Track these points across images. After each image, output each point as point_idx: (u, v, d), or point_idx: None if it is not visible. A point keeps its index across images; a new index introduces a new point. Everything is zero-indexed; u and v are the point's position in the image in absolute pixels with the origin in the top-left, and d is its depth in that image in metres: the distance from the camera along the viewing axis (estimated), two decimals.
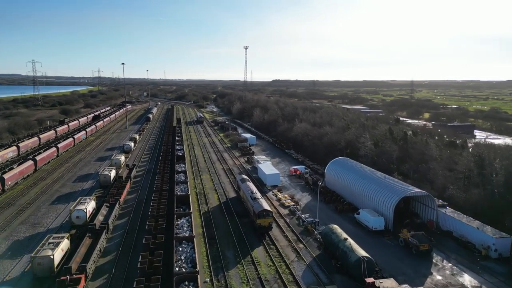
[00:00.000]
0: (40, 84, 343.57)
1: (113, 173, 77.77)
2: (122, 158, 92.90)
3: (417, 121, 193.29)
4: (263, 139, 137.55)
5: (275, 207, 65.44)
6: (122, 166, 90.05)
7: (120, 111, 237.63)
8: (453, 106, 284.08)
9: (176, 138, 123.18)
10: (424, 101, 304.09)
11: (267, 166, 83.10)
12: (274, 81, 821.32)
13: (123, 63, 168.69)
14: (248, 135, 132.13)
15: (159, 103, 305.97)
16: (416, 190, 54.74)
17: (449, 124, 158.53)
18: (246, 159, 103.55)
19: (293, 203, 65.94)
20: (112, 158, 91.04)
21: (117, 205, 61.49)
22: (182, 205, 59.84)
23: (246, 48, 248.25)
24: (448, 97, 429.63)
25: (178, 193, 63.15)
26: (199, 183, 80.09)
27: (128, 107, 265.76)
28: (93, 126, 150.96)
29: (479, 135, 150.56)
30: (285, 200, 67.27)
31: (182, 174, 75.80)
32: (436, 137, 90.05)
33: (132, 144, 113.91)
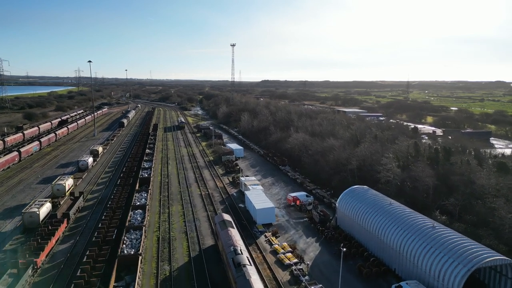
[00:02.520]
0: (8, 84, 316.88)
1: (44, 210, 56.19)
2: (69, 182, 71.30)
3: (421, 125, 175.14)
4: (252, 150, 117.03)
5: (269, 266, 44.94)
6: (66, 193, 68.43)
7: (97, 113, 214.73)
8: (452, 108, 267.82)
9: (147, 151, 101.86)
10: (422, 103, 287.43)
11: (257, 195, 62.53)
12: (263, 81, 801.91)
13: (89, 61, 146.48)
14: (234, 146, 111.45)
15: (139, 106, 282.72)
16: (496, 256, 34.80)
17: (462, 131, 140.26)
18: (231, 179, 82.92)
19: (295, 259, 45.55)
20: (53, 183, 69.23)
21: (29, 270, 40.26)
22: (126, 273, 39.03)
23: (233, 45, 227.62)
24: (442, 99, 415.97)
25: (125, 251, 42.25)
26: (165, 220, 59.01)
27: (104, 109, 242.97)
28: (52, 135, 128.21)
29: (497, 143, 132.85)
30: (284, 254, 46.83)
31: (139, 212, 54.73)
32: (471, 152, 70.66)
33: (91, 160, 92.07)
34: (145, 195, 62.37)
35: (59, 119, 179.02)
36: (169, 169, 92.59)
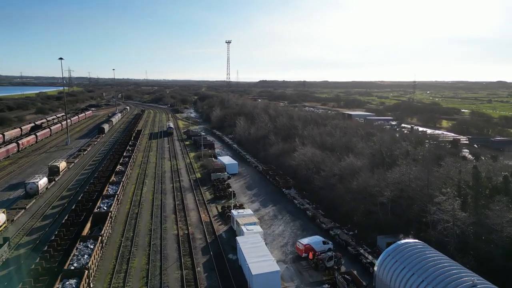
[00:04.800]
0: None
1: None
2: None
3: (438, 131, 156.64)
4: (249, 164, 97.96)
5: None
6: None
7: (78, 116, 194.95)
8: (464, 110, 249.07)
9: (118, 167, 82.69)
10: (431, 105, 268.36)
11: (254, 246, 43.46)
12: (261, 81, 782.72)
13: (61, 58, 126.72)
14: (227, 160, 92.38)
15: (128, 108, 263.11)
16: None
17: (492, 139, 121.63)
18: (220, 209, 63.83)
19: None
20: None
21: None
22: None
23: (228, 42, 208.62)
24: (447, 99, 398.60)
25: None
26: None
27: (88, 112, 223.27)
28: (13, 145, 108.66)
29: None
30: None
31: (70, 284, 35.52)
32: None
33: (43, 181, 72.78)
34: (92, 246, 43.14)
35: (32, 124, 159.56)
36: (143, 193, 73.37)
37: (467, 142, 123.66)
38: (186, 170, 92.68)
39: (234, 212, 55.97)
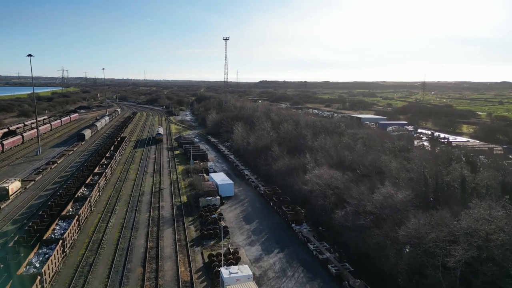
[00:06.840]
0: None
1: None
2: None
3: (462, 138, 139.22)
4: (247, 182, 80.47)
5: None
6: None
7: (61, 120, 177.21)
8: (479, 112, 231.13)
9: (80, 191, 65.19)
10: (444, 107, 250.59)
11: None
12: (261, 82, 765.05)
13: (30, 55, 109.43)
14: (220, 178, 74.87)
15: (119, 110, 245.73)
16: None
17: None
18: (207, 259, 46.23)
19: None
20: None
21: None
22: None
23: (226, 39, 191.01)
24: (457, 101, 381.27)
25: None
26: None
27: (73, 115, 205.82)
28: None
29: None
30: None
31: None
32: None
33: None
34: None
35: (6, 130, 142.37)
36: (109, 228, 55.84)
37: (501, 152, 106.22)
38: (170, 190, 75.24)
39: (224, 272, 38.36)
